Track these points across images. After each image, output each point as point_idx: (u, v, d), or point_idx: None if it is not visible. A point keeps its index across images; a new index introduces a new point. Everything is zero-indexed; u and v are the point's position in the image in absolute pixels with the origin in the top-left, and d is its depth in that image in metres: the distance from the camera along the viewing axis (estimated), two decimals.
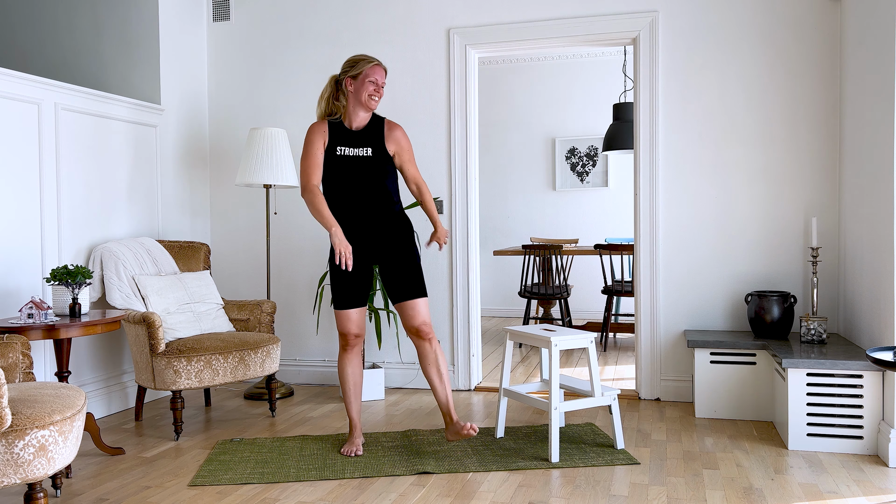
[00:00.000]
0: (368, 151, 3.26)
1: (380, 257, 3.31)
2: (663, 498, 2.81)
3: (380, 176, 3.27)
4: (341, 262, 3.15)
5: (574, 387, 3.48)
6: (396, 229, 3.31)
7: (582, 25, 4.36)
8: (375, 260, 3.33)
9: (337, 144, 3.26)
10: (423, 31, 4.62)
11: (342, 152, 3.25)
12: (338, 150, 3.26)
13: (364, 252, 3.30)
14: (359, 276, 3.31)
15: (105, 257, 3.91)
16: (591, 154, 7.80)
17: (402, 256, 3.30)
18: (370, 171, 3.25)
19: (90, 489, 2.97)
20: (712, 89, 4.22)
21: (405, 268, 3.29)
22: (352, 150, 3.25)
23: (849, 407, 3.34)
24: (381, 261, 3.32)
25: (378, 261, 3.33)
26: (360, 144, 3.27)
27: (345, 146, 3.26)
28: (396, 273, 3.29)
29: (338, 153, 3.25)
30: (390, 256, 3.30)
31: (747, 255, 4.20)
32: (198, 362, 3.61)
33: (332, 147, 3.27)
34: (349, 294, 3.30)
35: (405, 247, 3.31)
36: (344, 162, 3.25)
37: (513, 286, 7.89)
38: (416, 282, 3.30)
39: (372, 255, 3.31)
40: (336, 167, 3.26)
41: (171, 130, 4.69)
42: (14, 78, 3.58)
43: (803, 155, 4.12)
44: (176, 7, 4.71)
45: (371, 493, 2.89)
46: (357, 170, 3.25)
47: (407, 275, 3.29)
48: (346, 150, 3.25)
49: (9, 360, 2.75)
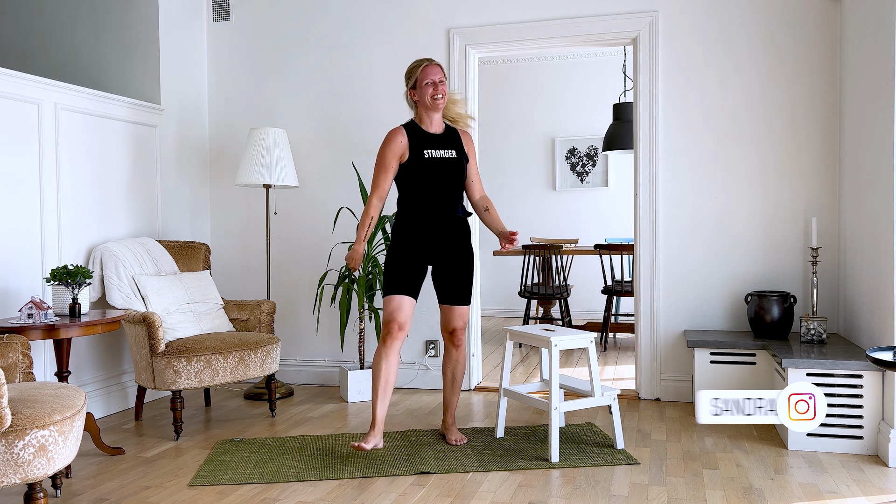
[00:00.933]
0: (453, 153, 3.39)
1: (439, 257, 3.40)
2: (663, 498, 2.81)
3: (462, 178, 3.42)
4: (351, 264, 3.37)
5: (574, 387, 3.48)
6: (460, 233, 3.44)
7: (582, 25, 4.36)
8: (435, 260, 3.41)
9: (423, 148, 3.34)
10: (423, 31, 4.62)
11: (430, 154, 3.34)
12: (425, 153, 3.34)
13: (427, 249, 3.37)
14: (417, 269, 3.37)
15: (105, 257, 3.91)
16: (591, 154, 7.80)
17: (460, 261, 3.42)
18: (455, 173, 3.38)
19: (90, 489, 2.97)
20: (712, 89, 4.22)
21: (460, 273, 3.43)
22: (438, 152, 3.36)
23: (849, 407, 3.34)
24: (439, 261, 3.41)
25: (436, 260, 3.41)
26: (444, 147, 3.38)
27: (432, 149, 3.35)
28: (451, 276, 3.42)
29: (426, 156, 3.33)
30: (450, 259, 3.41)
31: (747, 255, 4.20)
32: (198, 362, 3.61)
33: (417, 151, 3.33)
34: (407, 281, 3.32)
35: (464, 252, 3.44)
36: (433, 164, 3.34)
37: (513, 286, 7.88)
38: (467, 289, 3.45)
39: (433, 253, 3.39)
40: (425, 169, 3.33)
41: (171, 130, 4.69)
42: (14, 78, 3.58)
43: (803, 155, 4.12)
44: (176, 7, 4.71)
45: (371, 493, 2.89)
46: (444, 171, 3.35)
47: (460, 280, 3.43)
48: (434, 153, 3.35)
49: (9, 360, 2.75)
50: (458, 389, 3.54)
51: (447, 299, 3.45)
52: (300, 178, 4.76)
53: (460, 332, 3.47)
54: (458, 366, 3.51)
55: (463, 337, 3.49)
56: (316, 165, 4.84)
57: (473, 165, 3.50)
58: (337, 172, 4.79)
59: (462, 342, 3.50)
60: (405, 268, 3.33)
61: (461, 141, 3.45)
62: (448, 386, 3.53)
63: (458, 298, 3.44)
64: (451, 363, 3.51)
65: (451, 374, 3.52)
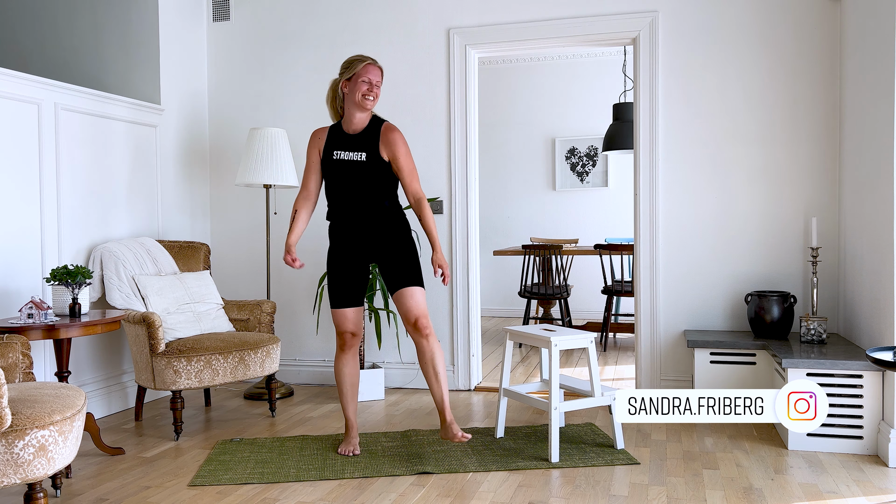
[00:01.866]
0: (363, 156, 3.23)
1: (376, 254, 3.30)
2: (663, 498, 2.81)
3: (374, 181, 3.23)
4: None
5: (574, 387, 3.48)
6: (390, 225, 3.28)
7: (582, 25, 4.36)
8: (372, 258, 3.32)
9: (333, 149, 3.28)
10: (423, 31, 4.62)
11: (338, 156, 3.26)
12: (334, 154, 3.27)
13: (360, 251, 3.30)
14: (355, 275, 3.31)
15: (105, 257, 3.91)
16: (591, 154, 7.80)
17: (397, 248, 3.27)
18: (364, 176, 3.23)
19: (90, 489, 2.97)
20: (712, 89, 4.22)
21: (400, 258, 3.25)
22: (347, 154, 3.25)
23: (849, 407, 3.34)
24: (378, 257, 3.29)
25: (375, 258, 3.31)
26: (355, 148, 3.25)
27: (341, 150, 3.26)
28: (392, 265, 3.26)
29: (334, 157, 3.27)
30: (386, 251, 3.28)
31: (747, 255, 4.20)
32: (198, 362, 3.61)
33: (329, 151, 3.29)
34: (345, 292, 3.30)
35: (400, 239, 3.29)
36: (339, 166, 3.25)
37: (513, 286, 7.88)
38: (412, 271, 3.24)
39: (368, 253, 3.30)
40: (332, 171, 3.28)
41: (171, 130, 4.69)
42: (14, 78, 3.58)
43: (803, 155, 4.12)
44: (176, 7, 4.71)
45: (371, 493, 2.89)
46: (351, 174, 3.23)
47: (402, 264, 3.24)
48: (342, 154, 3.25)
49: (9, 360, 2.75)
50: (444, 381, 3.24)
51: (396, 285, 3.22)
52: (300, 178, 4.76)
53: (423, 320, 3.20)
54: (436, 356, 3.22)
55: (428, 323, 3.22)
56: None
57: (402, 167, 3.24)
58: None
59: (430, 329, 3.21)
60: (343, 277, 3.30)
61: (378, 141, 3.23)
62: (432, 381, 3.24)
63: (406, 279, 3.20)
64: (426, 356, 3.22)
65: (431, 368, 3.23)
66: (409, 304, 3.22)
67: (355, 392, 3.41)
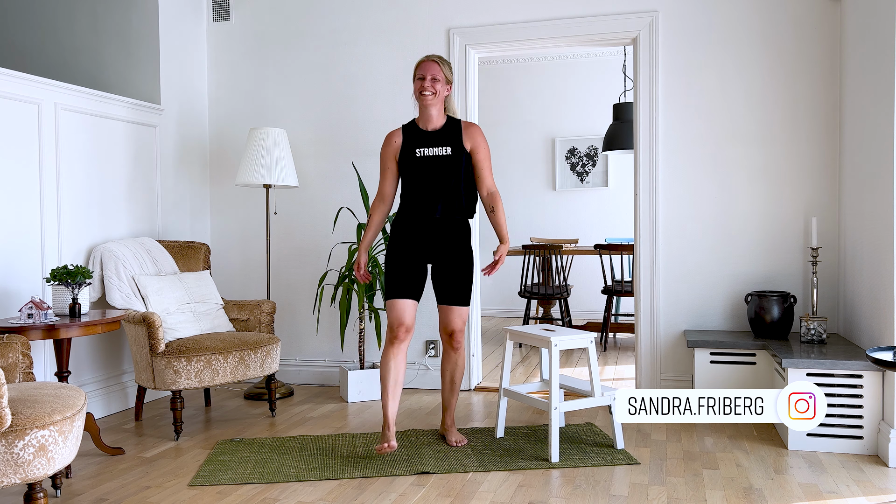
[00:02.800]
0: (447, 150, 3.30)
1: (437, 257, 3.37)
2: (663, 498, 2.81)
3: (458, 175, 3.31)
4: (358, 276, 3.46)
5: (574, 387, 3.48)
6: (460, 233, 3.38)
7: (582, 25, 4.36)
8: (433, 260, 3.39)
9: (415, 147, 3.32)
10: (423, 31, 4.62)
11: (421, 153, 3.31)
12: (417, 151, 3.31)
13: (425, 249, 3.36)
14: (416, 270, 3.36)
15: (105, 257, 3.91)
16: (591, 154, 7.80)
17: (458, 262, 3.37)
18: (449, 171, 3.30)
19: (90, 489, 2.97)
20: (712, 89, 4.22)
21: (458, 274, 3.37)
22: (430, 150, 3.30)
23: (849, 407, 3.34)
24: (438, 260, 3.37)
25: (434, 260, 3.38)
26: (438, 144, 3.31)
27: (423, 147, 3.31)
28: (448, 277, 3.37)
29: (417, 155, 3.31)
30: (447, 258, 3.36)
31: (747, 255, 4.20)
32: (198, 362, 3.61)
33: (409, 150, 3.32)
34: (405, 284, 3.32)
35: (463, 251, 3.38)
36: (423, 163, 3.30)
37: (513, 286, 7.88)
38: (465, 290, 3.40)
39: (430, 253, 3.37)
40: (416, 168, 3.31)
41: (171, 130, 4.69)
42: (14, 78, 3.58)
43: (803, 155, 4.12)
44: (176, 7, 4.71)
45: (371, 493, 2.89)
46: (436, 169, 3.29)
47: (458, 281, 3.37)
48: (425, 151, 3.30)
49: (9, 360, 2.75)
50: (456, 391, 3.53)
51: (445, 300, 3.40)
52: (300, 178, 4.76)
53: (459, 335, 3.42)
54: (458, 368, 3.49)
55: (462, 339, 3.45)
56: (316, 165, 4.84)
57: (481, 160, 3.37)
58: (337, 172, 4.79)
59: (461, 344, 3.45)
60: (404, 269, 3.33)
61: (461, 136, 3.33)
62: (447, 388, 3.51)
63: (457, 299, 3.39)
64: (450, 365, 3.49)
65: (449, 377, 3.49)
66: (453, 319, 3.40)
67: (398, 388, 3.31)
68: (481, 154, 3.36)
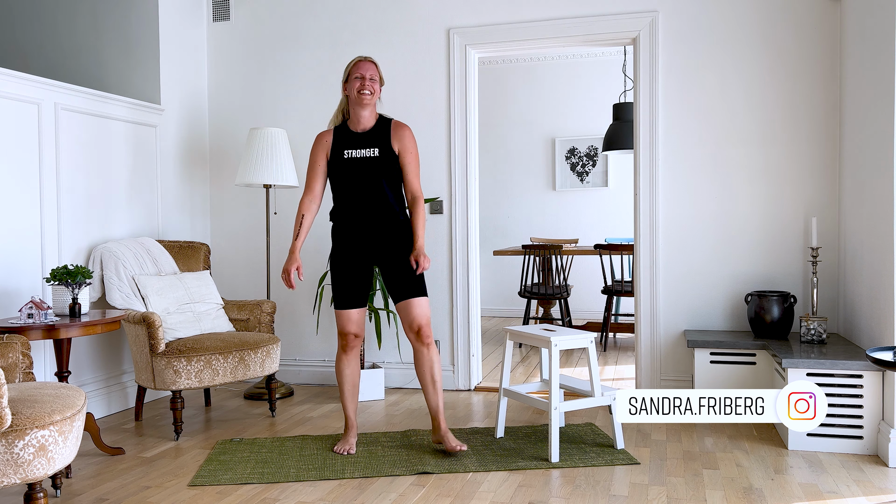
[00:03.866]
0: (375, 152, 3.27)
1: (381, 258, 3.32)
2: (663, 498, 2.81)
3: (386, 176, 3.27)
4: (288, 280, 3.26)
5: (574, 387, 3.48)
6: (398, 231, 3.32)
7: (582, 25, 4.36)
8: (376, 261, 3.34)
9: (343, 148, 3.30)
10: (423, 31, 4.62)
11: (349, 155, 3.28)
12: (344, 153, 3.29)
13: (365, 253, 3.32)
14: (359, 276, 3.33)
15: (105, 257, 3.91)
16: (591, 154, 7.80)
17: (403, 257, 3.29)
18: (377, 172, 3.26)
19: (90, 489, 2.97)
20: (712, 89, 4.22)
21: (406, 268, 3.27)
22: (358, 151, 3.27)
23: (849, 407, 3.34)
24: (382, 262, 3.33)
25: (379, 262, 3.34)
26: (366, 146, 3.28)
27: (351, 149, 3.28)
28: (397, 273, 3.29)
29: (345, 156, 3.29)
30: (391, 257, 3.30)
31: (747, 255, 4.20)
32: (198, 362, 3.61)
33: (338, 151, 3.30)
34: (349, 294, 3.32)
35: (405, 247, 3.31)
36: (351, 164, 3.28)
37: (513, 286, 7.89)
38: (417, 281, 3.28)
39: (373, 256, 3.33)
40: (343, 170, 3.29)
41: (171, 130, 4.69)
42: (14, 78, 3.58)
43: (803, 155, 4.12)
44: (176, 7, 4.71)
45: (371, 493, 2.89)
46: (364, 171, 3.27)
47: (408, 274, 3.27)
48: (353, 153, 3.28)
49: (9, 360, 2.75)
50: (440, 390, 3.30)
51: (402, 295, 3.26)
52: (300, 177, 4.76)
53: (426, 328, 3.26)
54: (435, 364, 3.28)
55: (430, 332, 3.27)
56: None
57: (408, 162, 3.29)
58: None
59: (431, 338, 3.27)
60: (348, 278, 3.31)
61: (389, 136, 3.28)
62: (429, 389, 3.29)
63: (413, 291, 3.24)
64: (426, 364, 3.28)
65: (428, 376, 3.28)
66: (415, 314, 3.26)
67: (356, 392, 3.44)
68: (409, 157, 3.29)
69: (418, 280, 3.28)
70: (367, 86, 3.23)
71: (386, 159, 3.26)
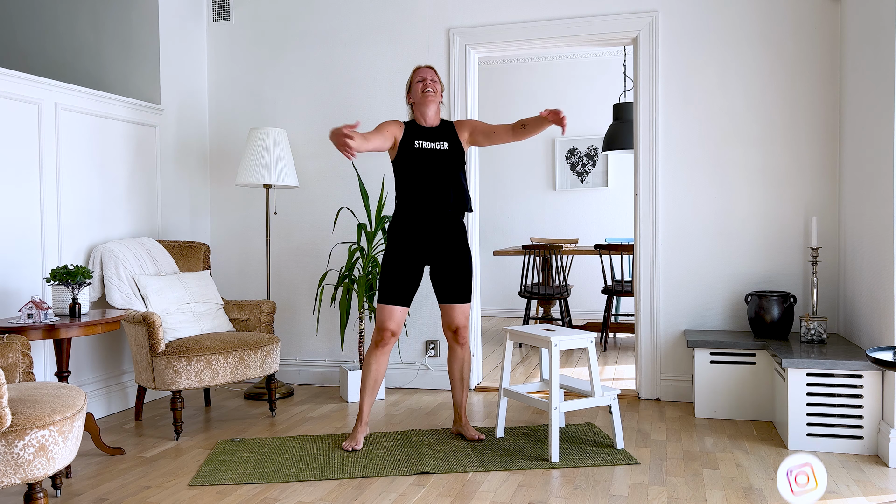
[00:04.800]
0: (445, 145, 3.43)
1: (436, 257, 3.44)
2: (663, 498, 2.81)
3: (454, 169, 3.42)
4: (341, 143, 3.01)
5: (574, 387, 3.48)
6: (458, 232, 3.47)
7: (582, 25, 4.36)
8: (431, 262, 3.46)
9: (414, 139, 3.42)
10: (423, 31, 4.62)
11: (420, 145, 3.41)
12: (416, 143, 3.41)
13: (422, 251, 3.42)
14: (411, 275, 3.42)
15: (105, 257, 3.91)
16: (591, 154, 7.80)
17: (457, 259, 3.45)
18: (446, 164, 3.41)
19: (90, 489, 2.97)
20: (712, 89, 4.22)
21: (458, 272, 3.46)
22: (429, 143, 3.42)
23: (849, 407, 3.34)
24: (437, 261, 3.45)
25: (433, 261, 3.46)
26: (436, 139, 3.44)
27: (422, 140, 3.42)
28: (449, 275, 3.46)
29: (416, 146, 3.40)
30: (446, 258, 3.44)
31: (747, 255, 4.20)
32: (198, 362, 3.61)
33: (409, 141, 3.41)
34: (398, 291, 3.40)
35: (460, 250, 3.47)
36: (422, 155, 3.40)
37: (513, 286, 7.89)
38: (466, 287, 3.49)
39: (428, 254, 3.44)
40: (415, 159, 3.39)
41: (171, 130, 4.69)
42: (14, 78, 3.58)
43: (803, 155, 4.12)
44: (176, 7, 4.71)
45: (371, 493, 2.89)
46: (434, 162, 3.40)
47: (459, 279, 3.47)
48: (424, 144, 3.42)
49: (9, 360, 2.75)
50: (467, 387, 3.60)
51: (448, 298, 3.48)
52: (300, 178, 4.77)
53: (464, 330, 3.51)
54: (465, 363, 3.57)
55: (467, 334, 3.54)
56: (316, 165, 4.84)
57: (484, 126, 3.48)
58: (337, 172, 4.79)
59: (466, 339, 3.55)
60: (400, 276, 3.39)
61: (455, 133, 3.49)
62: (457, 384, 3.57)
63: (459, 296, 3.48)
64: (457, 362, 3.56)
65: (458, 373, 3.56)
66: (457, 316, 3.49)
67: (376, 389, 3.51)
68: (480, 125, 3.50)
69: (468, 285, 3.50)
70: (429, 85, 3.42)
71: (454, 153, 3.44)
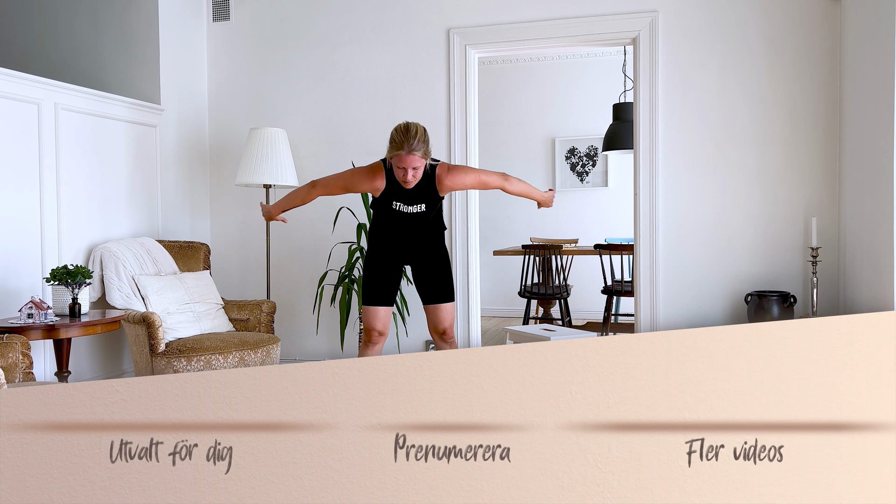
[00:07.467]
0: (422, 207, 3.33)
1: (414, 261, 3.43)
2: None
3: (428, 225, 3.38)
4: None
5: None
6: (432, 235, 3.44)
7: (582, 25, 4.36)
8: (410, 262, 3.45)
9: (393, 199, 3.30)
10: (423, 31, 4.62)
11: (397, 207, 3.32)
12: (394, 204, 3.32)
13: (401, 253, 3.41)
14: (391, 276, 3.42)
15: (105, 257, 3.91)
16: (591, 154, 7.81)
17: (436, 262, 3.42)
18: (420, 224, 3.37)
19: None
20: (712, 89, 4.22)
21: (438, 272, 3.42)
22: (406, 206, 3.31)
23: None
24: (416, 262, 3.43)
25: (413, 263, 3.44)
26: (413, 202, 3.30)
27: (400, 202, 3.31)
28: (429, 277, 3.43)
29: (393, 207, 3.32)
30: (426, 259, 3.42)
31: (747, 255, 4.20)
32: (198, 362, 3.61)
33: (388, 199, 3.30)
34: (380, 291, 3.40)
35: (437, 252, 3.44)
36: (397, 216, 3.34)
37: (513, 286, 7.89)
38: (448, 286, 3.46)
39: (407, 258, 3.43)
40: (390, 217, 3.35)
41: (171, 130, 4.70)
42: (14, 78, 3.58)
43: (803, 155, 4.12)
44: (176, 7, 4.71)
45: None
46: (409, 223, 3.35)
47: (439, 279, 3.43)
48: (401, 206, 3.31)
49: (9, 360, 2.75)
50: None
51: (431, 299, 3.44)
52: (300, 178, 4.76)
53: (450, 330, 3.47)
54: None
55: (453, 333, 3.50)
56: (316, 165, 4.84)
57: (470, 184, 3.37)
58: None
59: (453, 338, 3.51)
60: (380, 278, 3.40)
61: (435, 189, 3.27)
62: None
63: (442, 296, 3.43)
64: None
65: None
66: (442, 317, 3.45)
67: None
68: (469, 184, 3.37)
69: (449, 284, 3.45)
70: (409, 176, 3.12)
71: (431, 211, 3.35)
